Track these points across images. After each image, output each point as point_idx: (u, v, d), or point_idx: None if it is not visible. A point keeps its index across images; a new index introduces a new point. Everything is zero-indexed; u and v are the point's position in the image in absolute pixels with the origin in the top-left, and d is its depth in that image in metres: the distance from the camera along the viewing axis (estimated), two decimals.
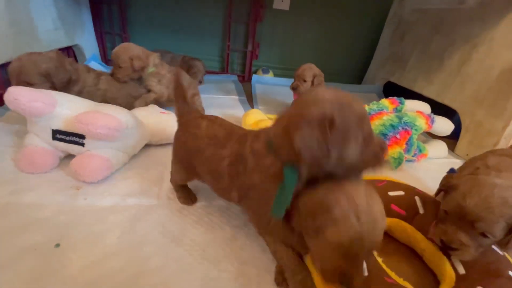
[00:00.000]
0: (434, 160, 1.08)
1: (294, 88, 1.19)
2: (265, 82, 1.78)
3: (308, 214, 0.40)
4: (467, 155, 1.15)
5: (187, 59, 1.55)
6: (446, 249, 0.50)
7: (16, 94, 0.61)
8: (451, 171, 0.56)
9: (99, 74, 0.97)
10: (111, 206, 0.63)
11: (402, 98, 1.15)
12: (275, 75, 1.96)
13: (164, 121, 0.89)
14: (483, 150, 1.11)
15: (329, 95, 0.36)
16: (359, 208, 0.37)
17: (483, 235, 0.45)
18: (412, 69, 1.54)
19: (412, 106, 1.14)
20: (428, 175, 0.95)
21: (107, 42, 1.79)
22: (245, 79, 1.97)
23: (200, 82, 1.57)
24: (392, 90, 1.69)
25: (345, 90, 0.38)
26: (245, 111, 1.31)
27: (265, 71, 1.93)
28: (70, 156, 0.72)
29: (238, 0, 1.74)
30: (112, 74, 1.00)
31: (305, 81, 1.16)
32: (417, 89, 1.47)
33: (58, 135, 0.68)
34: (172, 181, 0.68)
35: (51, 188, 0.66)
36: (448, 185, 0.53)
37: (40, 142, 0.69)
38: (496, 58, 1.09)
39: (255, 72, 1.95)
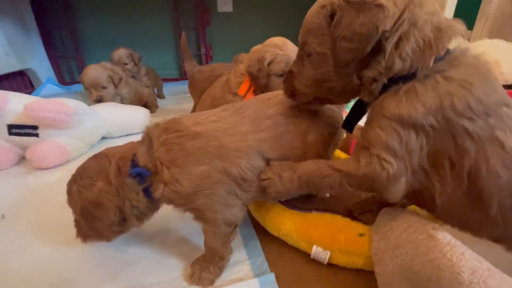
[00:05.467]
0: None
1: None
2: None
3: None
4: None
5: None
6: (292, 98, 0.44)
7: None
8: None
9: None
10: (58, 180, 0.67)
11: None
12: None
13: (123, 114, 0.95)
14: None
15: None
16: None
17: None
18: None
19: None
20: None
21: (62, 65, 1.83)
22: None
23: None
24: None
25: None
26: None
27: None
28: None
29: (183, 8, 1.86)
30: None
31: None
32: None
33: (13, 129, 0.73)
34: None
35: (6, 177, 0.71)
36: None
37: None
38: None
39: None
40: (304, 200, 0.53)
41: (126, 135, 0.95)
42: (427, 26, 0.32)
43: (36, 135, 0.73)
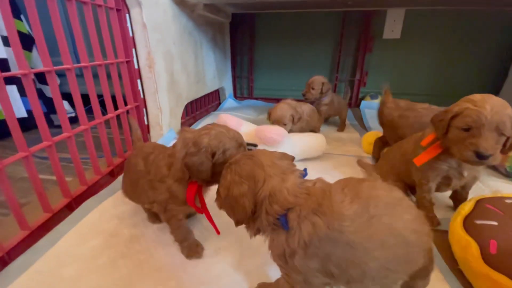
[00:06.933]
0: None
1: (303, 95, 1.47)
2: (373, 107, 1.85)
3: None
4: None
5: None
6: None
7: (225, 118, 0.96)
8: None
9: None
10: None
11: None
12: None
13: (305, 140, 1.11)
14: None
15: None
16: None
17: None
18: None
19: None
20: None
21: (237, 83, 2.30)
22: (351, 105, 2.09)
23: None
24: None
25: None
26: (358, 133, 1.52)
27: (374, 97, 2.00)
28: None
29: (347, 36, 1.95)
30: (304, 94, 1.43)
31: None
32: None
33: None
34: None
35: None
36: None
37: None
38: None
39: (362, 98, 2.06)
40: None
41: (303, 159, 1.10)
42: None
43: None
